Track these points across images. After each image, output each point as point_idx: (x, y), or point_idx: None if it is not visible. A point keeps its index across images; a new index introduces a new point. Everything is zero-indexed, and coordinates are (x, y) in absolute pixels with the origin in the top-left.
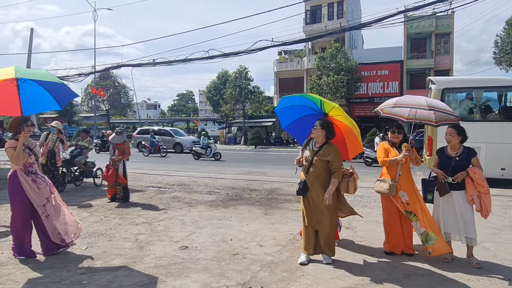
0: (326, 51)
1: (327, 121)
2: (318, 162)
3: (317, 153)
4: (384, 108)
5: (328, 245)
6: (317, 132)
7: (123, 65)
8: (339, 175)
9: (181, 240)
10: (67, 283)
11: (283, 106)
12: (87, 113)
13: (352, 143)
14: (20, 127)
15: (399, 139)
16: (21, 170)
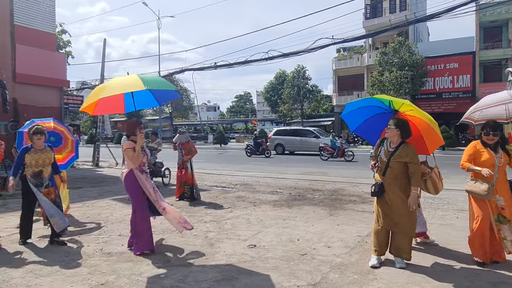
0: (388, 45)
1: (402, 119)
2: (395, 163)
3: (394, 154)
4: (473, 116)
5: (404, 248)
6: (391, 132)
7: (186, 69)
8: (418, 179)
9: (249, 238)
10: (147, 276)
11: (349, 110)
12: (152, 116)
13: (431, 136)
14: (136, 129)
15: (494, 140)
16: (136, 169)
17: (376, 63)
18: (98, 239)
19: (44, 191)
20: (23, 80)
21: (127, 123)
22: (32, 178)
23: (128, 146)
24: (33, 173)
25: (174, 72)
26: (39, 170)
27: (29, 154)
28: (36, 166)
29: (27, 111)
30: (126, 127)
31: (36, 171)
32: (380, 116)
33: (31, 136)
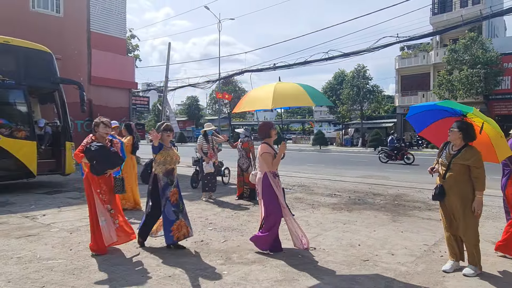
0: (459, 42)
1: (466, 122)
2: (456, 166)
3: (455, 156)
4: None
5: (471, 255)
6: (453, 134)
7: (245, 71)
8: (482, 183)
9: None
10: (210, 272)
11: (414, 113)
12: (211, 116)
13: (501, 144)
14: (270, 131)
15: None
16: (270, 172)
17: (444, 61)
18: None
19: (172, 190)
20: (97, 83)
21: (261, 125)
22: (164, 176)
23: (266, 150)
24: (166, 171)
25: (233, 74)
26: (171, 167)
27: (160, 151)
28: (170, 163)
29: (100, 111)
30: (259, 129)
31: (169, 169)
32: (448, 120)
33: (162, 132)
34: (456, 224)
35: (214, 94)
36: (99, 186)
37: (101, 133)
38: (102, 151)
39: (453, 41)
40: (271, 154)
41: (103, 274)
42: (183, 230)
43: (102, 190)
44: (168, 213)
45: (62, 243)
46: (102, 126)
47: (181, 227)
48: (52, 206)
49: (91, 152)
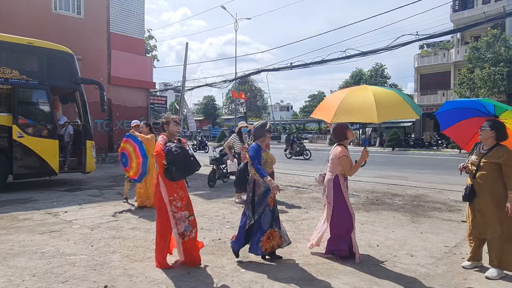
0: (481, 40)
1: (498, 121)
2: (487, 165)
3: (485, 155)
4: None
5: (497, 257)
6: (485, 134)
7: (262, 70)
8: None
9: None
10: (228, 269)
11: (446, 109)
12: (227, 115)
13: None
14: (347, 132)
15: None
16: (342, 175)
17: (466, 59)
18: None
19: (271, 196)
20: (117, 83)
21: (337, 127)
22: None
23: (344, 153)
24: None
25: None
26: (271, 170)
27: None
28: (270, 166)
29: (119, 110)
30: (334, 130)
31: (269, 172)
32: (477, 120)
33: (264, 132)
34: (483, 226)
35: (230, 93)
36: (175, 191)
37: (172, 131)
38: (183, 154)
39: (474, 38)
40: (349, 158)
41: (123, 270)
42: (274, 240)
43: (178, 196)
44: (264, 222)
45: (84, 239)
46: (172, 123)
47: (272, 237)
48: (73, 203)
49: (173, 155)
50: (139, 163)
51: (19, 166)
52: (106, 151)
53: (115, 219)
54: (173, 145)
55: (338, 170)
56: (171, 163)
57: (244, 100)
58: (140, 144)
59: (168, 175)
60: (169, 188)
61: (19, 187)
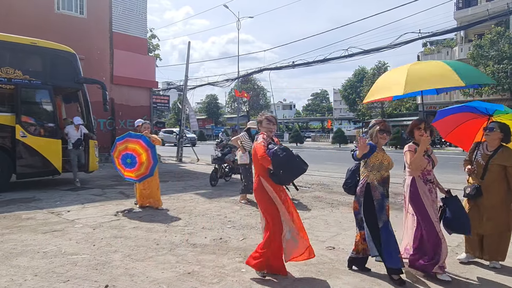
0: (484, 37)
1: (504, 123)
2: (494, 167)
3: (492, 157)
4: None
5: (496, 249)
6: (494, 135)
7: (264, 69)
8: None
9: (327, 240)
10: (229, 269)
11: (441, 117)
12: (230, 114)
13: None
14: (414, 130)
15: None
16: (419, 177)
17: (469, 57)
18: (184, 230)
19: (388, 204)
20: (119, 82)
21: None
22: (380, 185)
23: (407, 148)
24: (382, 178)
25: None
26: (387, 174)
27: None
28: (386, 169)
29: (122, 109)
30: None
31: (385, 176)
32: (473, 123)
33: (377, 133)
34: (485, 222)
35: (233, 92)
36: (282, 192)
37: (267, 129)
38: (289, 156)
39: (478, 36)
40: (413, 151)
41: (125, 269)
42: None
43: (282, 198)
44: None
45: (86, 239)
46: (266, 121)
47: None
48: (76, 202)
49: (279, 159)
50: (149, 155)
51: (22, 165)
52: (109, 151)
53: (117, 218)
54: (277, 147)
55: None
56: (278, 167)
57: (246, 99)
58: (141, 137)
59: (276, 179)
60: (275, 189)
61: (23, 187)
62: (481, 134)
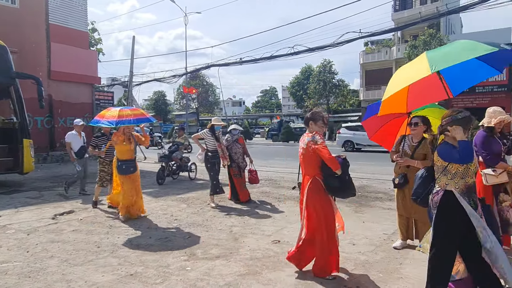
0: (418, 38)
1: (425, 117)
2: (420, 156)
3: (417, 147)
4: None
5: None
6: (419, 129)
7: (212, 65)
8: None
9: (273, 234)
10: (173, 268)
11: (369, 115)
12: (179, 111)
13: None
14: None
15: None
16: None
17: (406, 56)
18: (128, 231)
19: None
20: (58, 77)
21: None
22: (465, 195)
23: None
24: (466, 186)
25: (200, 68)
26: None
27: None
28: (472, 175)
29: (61, 107)
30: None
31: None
32: (394, 122)
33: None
34: (415, 208)
35: (181, 89)
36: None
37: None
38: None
39: (413, 37)
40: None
41: (61, 275)
42: None
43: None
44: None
45: (18, 245)
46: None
47: None
48: (9, 206)
49: (346, 169)
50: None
51: None
52: (47, 150)
53: (54, 222)
54: (344, 157)
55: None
56: (340, 182)
57: (195, 95)
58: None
59: (329, 188)
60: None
61: None
62: (404, 129)
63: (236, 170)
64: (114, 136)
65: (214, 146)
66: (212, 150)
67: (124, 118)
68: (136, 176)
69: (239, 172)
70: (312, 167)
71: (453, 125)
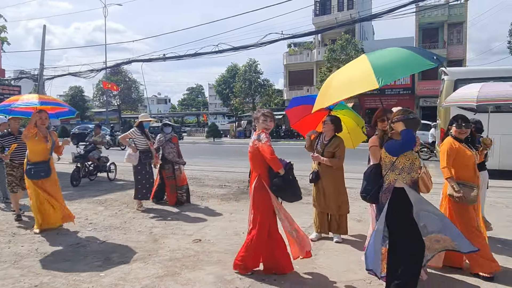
0: (336, 43)
1: (336, 116)
2: (328, 154)
3: (327, 145)
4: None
5: (339, 225)
6: (327, 127)
7: (133, 60)
8: (339, 162)
9: (194, 233)
10: (85, 275)
11: (293, 105)
12: (99, 108)
13: (355, 134)
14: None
15: (466, 134)
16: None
17: (325, 59)
18: (34, 239)
19: None
20: None
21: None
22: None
23: (372, 143)
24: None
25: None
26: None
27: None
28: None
29: None
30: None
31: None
32: (317, 115)
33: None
34: (327, 202)
35: (101, 84)
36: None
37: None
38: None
39: (332, 41)
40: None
41: None
42: None
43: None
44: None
45: None
46: (262, 118)
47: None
48: None
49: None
50: None
51: None
52: None
53: None
54: (289, 161)
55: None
56: (284, 182)
57: (116, 91)
58: None
59: (275, 189)
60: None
61: None
62: (321, 126)
63: (169, 172)
64: (25, 130)
65: (145, 145)
66: (143, 150)
67: (50, 100)
68: (52, 181)
69: (173, 174)
70: (258, 165)
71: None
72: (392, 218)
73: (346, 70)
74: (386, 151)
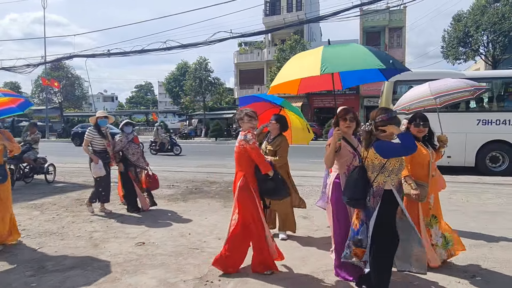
0: (286, 43)
1: (281, 115)
2: (270, 152)
3: (270, 143)
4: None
5: (284, 223)
6: (272, 125)
7: (75, 55)
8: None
9: (138, 236)
10: (15, 286)
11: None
12: (38, 105)
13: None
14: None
15: (424, 133)
16: (344, 174)
17: (275, 59)
18: None
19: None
20: None
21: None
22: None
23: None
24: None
25: (61, 58)
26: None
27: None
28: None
29: None
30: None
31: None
32: (270, 112)
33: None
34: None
35: (40, 80)
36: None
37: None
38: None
39: (281, 41)
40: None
41: None
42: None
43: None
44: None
45: None
46: (247, 118)
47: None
48: None
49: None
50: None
51: None
52: None
53: None
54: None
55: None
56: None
57: (57, 88)
58: None
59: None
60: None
61: None
62: None
63: (134, 175)
64: None
65: (103, 145)
66: (99, 151)
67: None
68: (6, 187)
69: (136, 177)
70: (244, 165)
71: (388, 124)
72: (381, 220)
73: (302, 56)
74: (378, 152)
